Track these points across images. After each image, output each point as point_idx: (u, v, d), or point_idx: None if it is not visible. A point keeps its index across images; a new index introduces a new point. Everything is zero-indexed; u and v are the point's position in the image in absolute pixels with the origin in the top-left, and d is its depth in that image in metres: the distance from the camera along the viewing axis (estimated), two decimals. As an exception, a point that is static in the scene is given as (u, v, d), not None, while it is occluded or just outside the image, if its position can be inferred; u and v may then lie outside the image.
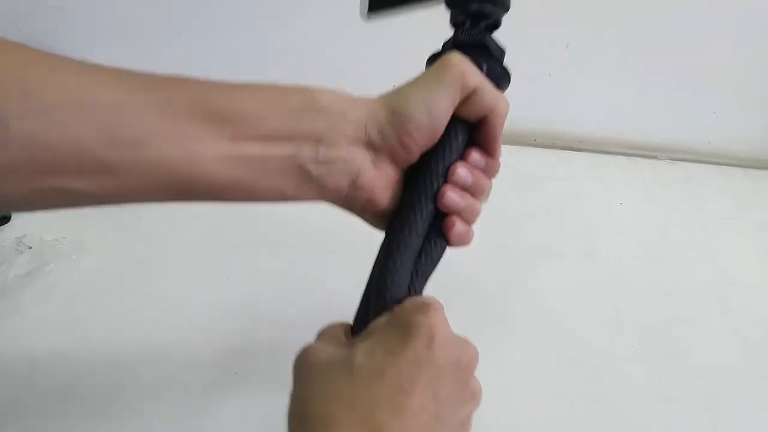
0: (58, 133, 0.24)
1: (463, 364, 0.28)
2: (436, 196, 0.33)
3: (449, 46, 0.38)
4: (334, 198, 0.33)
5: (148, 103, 0.27)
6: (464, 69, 0.32)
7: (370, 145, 0.32)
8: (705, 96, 0.81)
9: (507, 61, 0.39)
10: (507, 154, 0.39)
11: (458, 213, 0.34)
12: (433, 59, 0.38)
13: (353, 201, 0.33)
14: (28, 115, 0.24)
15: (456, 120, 0.34)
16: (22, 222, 0.59)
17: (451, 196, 0.33)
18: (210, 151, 0.28)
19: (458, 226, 0.34)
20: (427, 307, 0.28)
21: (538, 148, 0.83)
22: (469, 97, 0.33)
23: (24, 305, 0.51)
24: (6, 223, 0.59)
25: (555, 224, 0.67)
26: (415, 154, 0.33)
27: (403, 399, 0.25)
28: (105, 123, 0.25)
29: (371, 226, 0.36)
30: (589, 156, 0.82)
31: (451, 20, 0.39)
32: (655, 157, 0.84)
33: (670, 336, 0.55)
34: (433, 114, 0.32)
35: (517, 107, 0.80)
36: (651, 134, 0.84)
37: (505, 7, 0.38)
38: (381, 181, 0.33)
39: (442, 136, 0.34)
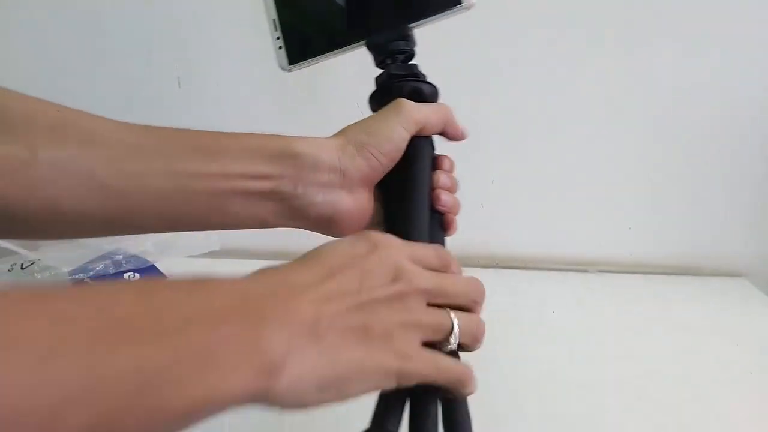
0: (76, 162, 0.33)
1: (404, 277, 0.31)
2: (432, 201, 0.42)
3: (385, 78, 0.46)
4: (312, 226, 0.41)
5: (155, 146, 0.35)
6: (413, 108, 0.42)
7: (345, 178, 0.39)
8: (620, 215, 0.94)
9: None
10: None
11: (450, 210, 0.43)
12: (376, 97, 0.46)
13: (332, 226, 0.41)
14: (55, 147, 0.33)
15: (419, 139, 0.43)
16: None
17: (445, 198, 0.43)
18: (199, 186, 0.35)
19: (454, 220, 0.43)
20: (386, 236, 0.34)
21: (482, 269, 0.94)
22: (423, 128, 0.42)
23: None
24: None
25: (494, 333, 0.75)
26: (380, 174, 0.41)
27: (321, 281, 0.28)
28: (116, 158, 0.34)
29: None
30: (526, 272, 0.93)
31: (375, 61, 0.47)
32: (586, 271, 0.95)
33: (597, 424, 0.61)
34: (395, 142, 0.41)
35: (461, 234, 0.93)
36: (580, 250, 0.96)
37: (414, 42, 0.47)
38: (356, 206, 0.41)
39: (417, 155, 0.42)
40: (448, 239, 0.46)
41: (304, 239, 0.42)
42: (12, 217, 0.34)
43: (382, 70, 0.47)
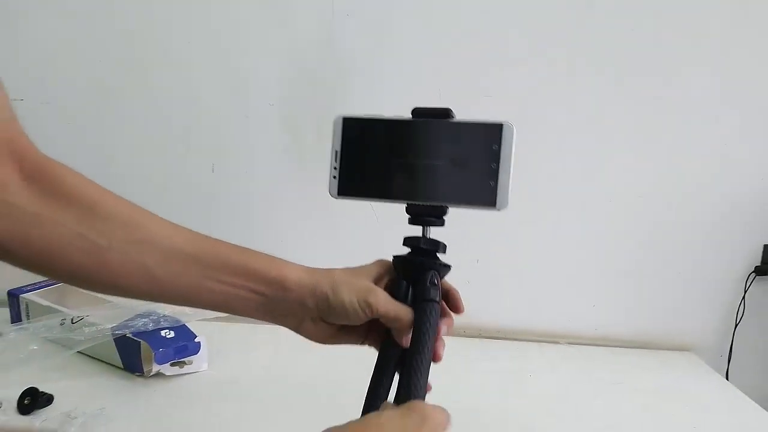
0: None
1: None
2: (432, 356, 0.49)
3: (415, 249, 0.52)
4: (292, 328, 0.53)
5: (194, 254, 0.49)
6: (380, 301, 0.50)
7: (309, 312, 0.51)
8: (586, 295, 1.09)
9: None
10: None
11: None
12: (401, 260, 0.52)
13: (305, 334, 0.53)
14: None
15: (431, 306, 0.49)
16: (64, 400, 0.75)
17: (441, 353, 0.51)
18: (217, 288, 0.49)
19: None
20: (441, 410, 0.43)
21: (467, 338, 1.07)
22: (383, 319, 0.50)
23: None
24: (50, 403, 0.75)
25: (477, 396, 0.87)
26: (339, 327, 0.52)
27: None
28: (166, 259, 0.49)
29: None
30: (507, 343, 1.06)
31: (410, 220, 0.52)
32: (557, 342, 1.08)
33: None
34: (350, 318, 0.50)
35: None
36: (552, 325, 1.09)
37: (444, 220, 0.53)
38: (315, 331, 0.53)
39: (425, 323, 0.49)
40: None
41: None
42: (79, 281, 0.48)
43: (411, 237, 0.53)
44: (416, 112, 0.51)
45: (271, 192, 1.03)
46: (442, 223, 0.53)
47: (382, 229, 0.95)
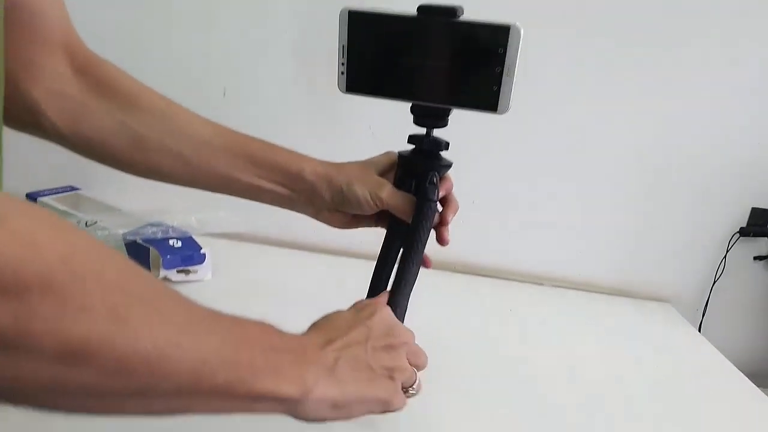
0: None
1: (394, 333, 0.46)
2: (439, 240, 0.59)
3: (417, 149, 0.57)
4: (310, 215, 0.60)
5: (223, 144, 0.55)
6: (389, 195, 0.56)
7: (327, 204, 0.58)
8: (573, 242, 1.14)
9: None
10: (434, 276, 0.64)
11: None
12: (406, 157, 0.57)
13: (323, 221, 0.60)
14: None
15: (428, 205, 0.54)
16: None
17: (448, 237, 0.59)
18: (244, 178, 0.55)
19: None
20: (381, 303, 0.50)
21: (457, 273, 1.13)
22: (391, 209, 0.57)
23: None
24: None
25: (456, 326, 0.93)
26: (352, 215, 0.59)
27: (336, 336, 0.43)
28: (197, 147, 0.55)
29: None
30: (493, 280, 1.12)
31: (414, 119, 0.56)
32: (541, 284, 1.14)
33: (533, 395, 0.78)
34: (362, 208, 0.57)
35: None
36: (538, 267, 1.15)
37: (448, 121, 0.55)
38: (334, 219, 0.59)
39: (422, 219, 0.54)
40: (431, 248, 0.60)
41: (309, 233, 0.60)
42: (123, 165, 0.55)
43: (415, 136, 0.57)
44: (422, 8, 0.50)
45: (280, 117, 1.06)
46: (445, 125, 0.55)
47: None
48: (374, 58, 0.53)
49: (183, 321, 0.32)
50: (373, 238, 0.62)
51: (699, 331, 1.14)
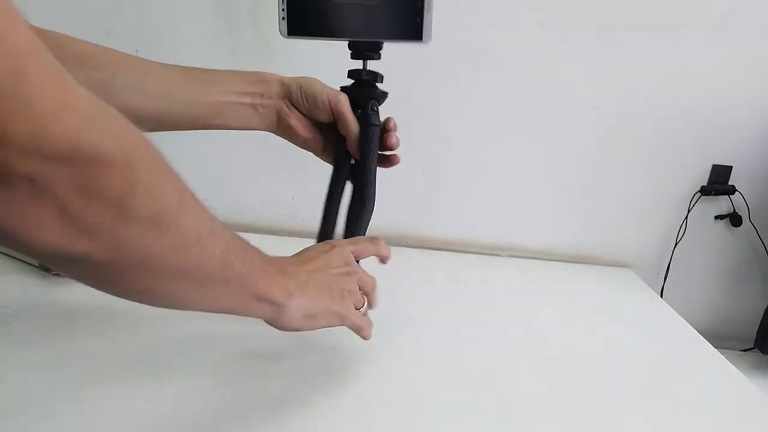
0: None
1: (349, 265, 0.56)
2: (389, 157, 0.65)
3: (358, 77, 0.62)
4: (271, 127, 0.63)
5: (182, 76, 0.59)
6: (342, 101, 0.61)
7: (287, 97, 0.62)
8: (529, 209, 1.07)
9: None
10: None
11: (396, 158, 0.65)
12: (350, 88, 0.63)
13: (283, 130, 0.63)
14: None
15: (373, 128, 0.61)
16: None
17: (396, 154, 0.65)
18: (209, 99, 0.59)
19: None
20: (342, 243, 0.58)
21: (409, 248, 1.05)
22: (339, 114, 0.62)
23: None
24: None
25: (413, 302, 0.86)
26: (308, 116, 0.63)
27: (306, 262, 0.53)
28: (163, 84, 0.58)
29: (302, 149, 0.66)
30: (447, 254, 1.04)
31: (351, 55, 0.62)
32: (498, 255, 1.07)
33: (492, 372, 0.72)
34: (318, 105, 0.61)
35: (392, 216, 1.04)
36: (494, 237, 1.08)
37: (380, 54, 0.62)
38: (295, 118, 0.62)
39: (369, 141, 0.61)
40: (379, 221, 0.66)
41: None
42: None
43: (354, 69, 0.63)
44: None
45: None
46: (378, 57, 0.62)
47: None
48: (311, 3, 0.60)
49: (210, 216, 0.39)
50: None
51: (661, 296, 1.10)
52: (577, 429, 0.59)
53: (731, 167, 1.06)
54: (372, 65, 0.62)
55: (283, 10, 0.61)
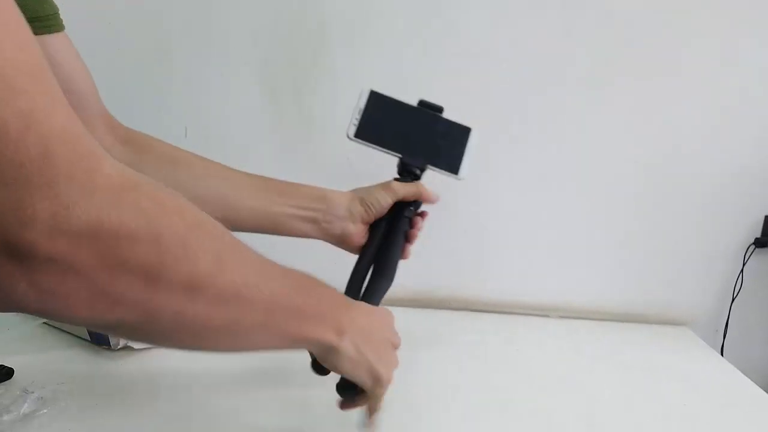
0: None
1: (397, 336, 0.56)
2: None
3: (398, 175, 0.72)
4: (332, 240, 0.69)
5: (255, 186, 0.66)
6: (397, 185, 0.68)
7: (352, 216, 0.68)
8: (580, 268, 1.05)
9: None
10: (427, 315, 0.62)
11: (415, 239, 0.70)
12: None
13: (343, 242, 0.69)
14: None
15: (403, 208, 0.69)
16: (25, 374, 0.71)
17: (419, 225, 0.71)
18: (276, 210, 0.65)
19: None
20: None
21: (452, 311, 1.03)
22: (403, 198, 0.68)
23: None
24: (10, 378, 0.71)
25: (460, 371, 0.83)
26: (373, 218, 0.68)
27: (370, 312, 0.55)
28: (238, 192, 0.65)
29: (350, 252, 0.70)
30: (494, 316, 1.02)
31: (398, 170, 0.72)
32: (547, 316, 1.05)
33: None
34: (382, 203, 0.68)
35: (434, 279, 1.02)
36: (542, 298, 1.05)
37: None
38: (356, 232, 0.68)
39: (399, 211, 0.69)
40: (422, 284, 0.67)
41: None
42: None
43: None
44: (421, 102, 0.73)
45: (249, 155, 0.97)
46: (419, 178, 0.72)
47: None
48: (380, 121, 0.71)
49: (257, 268, 0.40)
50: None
51: (721, 354, 1.05)
52: None
53: (785, 218, 1.03)
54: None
55: (357, 118, 0.70)
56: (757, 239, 1.04)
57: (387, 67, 0.94)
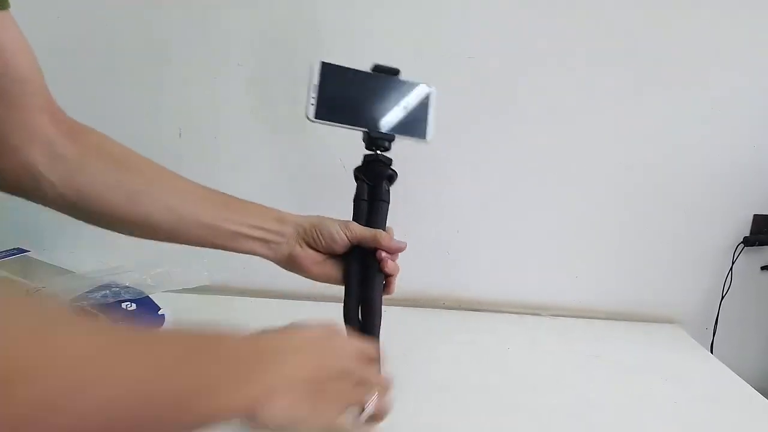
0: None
1: (348, 364, 0.47)
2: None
3: (372, 160, 0.67)
4: (281, 263, 0.65)
5: (204, 197, 0.61)
6: (356, 228, 0.63)
7: (298, 237, 0.64)
8: (569, 267, 1.06)
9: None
10: (420, 314, 0.58)
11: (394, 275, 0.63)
12: (362, 169, 0.67)
13: (292, 265, 0.64)
14: None
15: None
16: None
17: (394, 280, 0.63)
18: (225, 227, 0.61)
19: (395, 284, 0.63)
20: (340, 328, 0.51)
21: (446, 310, 1.04)
22: (359, 242, 0.63)
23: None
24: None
25: (453, 370, 0.84)
26: (324, 251, 0.64)
27: (294, 350, 0.43)
28: (187, 202, 0.60)
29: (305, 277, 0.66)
30: (486, 315, 1.03)
31: (366, 144, 0.67)
32: (539, 315, 1.06)
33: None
34: (337, 242, 0.63)
35: (428, 278, 1.03)
36: (534, 297, 1.06)
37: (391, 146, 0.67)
38: (305, 256, 0.64)
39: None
40: (415, 283, 0.59)
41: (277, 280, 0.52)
42: (115, 220, 0.58)
43: (369, 152, 0.67)
44: (375, 67, 0.68)
45: (239, 158, 0.98)
46: (389, 149, 0.68)
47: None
48: (341, 97, 0.67)
49: (88, 362, 0.30)
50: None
51: (711, 351, 1.06)
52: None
53: (774, 216, 1.04)
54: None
55: (313, 98, 0.66)
56: (745, 238, 1.05)
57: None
